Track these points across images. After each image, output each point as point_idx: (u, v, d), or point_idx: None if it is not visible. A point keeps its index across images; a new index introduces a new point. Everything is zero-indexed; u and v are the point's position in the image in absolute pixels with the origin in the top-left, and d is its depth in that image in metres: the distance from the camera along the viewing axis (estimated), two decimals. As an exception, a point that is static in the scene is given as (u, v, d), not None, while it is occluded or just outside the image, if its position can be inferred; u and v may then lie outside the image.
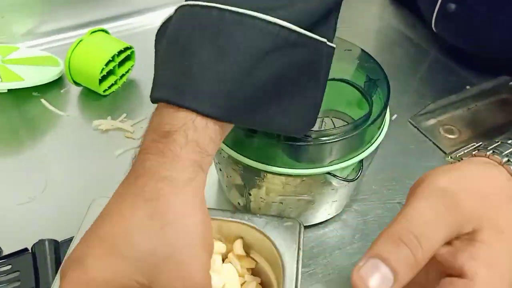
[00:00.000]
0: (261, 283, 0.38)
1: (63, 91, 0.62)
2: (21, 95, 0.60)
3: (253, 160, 0.38)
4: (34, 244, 0.42)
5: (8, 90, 0.57)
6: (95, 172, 0.52)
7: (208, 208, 0.36)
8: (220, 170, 0.45)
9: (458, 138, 0.56)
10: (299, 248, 0.34)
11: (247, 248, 0.37)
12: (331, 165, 0.38)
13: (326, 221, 0.47)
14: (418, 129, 0.57)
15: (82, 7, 0.70)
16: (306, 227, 0.46)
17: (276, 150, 0.38)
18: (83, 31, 0.69)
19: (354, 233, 0.47)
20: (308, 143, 0.37)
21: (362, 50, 0.45)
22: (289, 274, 0.32)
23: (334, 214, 0.47)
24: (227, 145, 0.39)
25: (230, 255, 0.37)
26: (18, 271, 0.42)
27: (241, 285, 0.37)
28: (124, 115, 0.58)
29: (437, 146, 0.55)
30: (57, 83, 0.63)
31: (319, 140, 0.37)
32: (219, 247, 0.37)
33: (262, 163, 0.38)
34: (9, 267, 0.42)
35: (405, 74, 0.65)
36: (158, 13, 0.75)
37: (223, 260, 0.37)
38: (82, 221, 0.35)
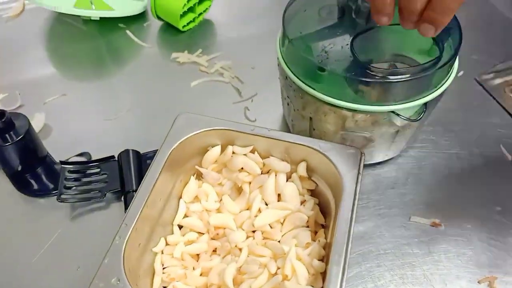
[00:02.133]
0: (319, 204, 0.42)
1: (146, 25, 0.67)
2: (108, 25, 0.65)
3: (322, 93, 0.41)
4: (120, 153, 0.48)
5: (99, 18, 0.62)
6: (172, 99, 0.57)
7: (279, 131, 0.40)
8: (288, 104, 0.48)
9: (523, 97, 0.56)
10: (359, 173, 0.37)
11: (310, 171, 0.41)
12: (396, 104, 0.41)
13: (383, 162, 0.50)
14: (483, 87, 0.58)
15: None
16: (364, 165, 0.50)
17: (344, 86, 0.40)
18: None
19: (407, 176, 0.49)
20: (376, 80, 0.39)
21: None
22: (348, 192, 0.36)
23: (391, 157, 0.50)
24: (298, 78, 0.43)
25: (293, 175, 0.41)
26: (105, 173, 0.48)
27: (301, 203, 0.41)
28: (200, 50, 0.62)
29: (501, 105, 0.56)
30: (141, 16, 0.67)
31: (387, 78, 0.39)
32: (285, 166, 0.41)
33: (330, 96, 0.41)
34: (98, 169, 0.48)
35: (477, 32, 0.65)
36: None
37: (287, 179, 0.41)
38: (169, 131, 0.40)
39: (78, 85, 0.60)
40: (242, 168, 0.41)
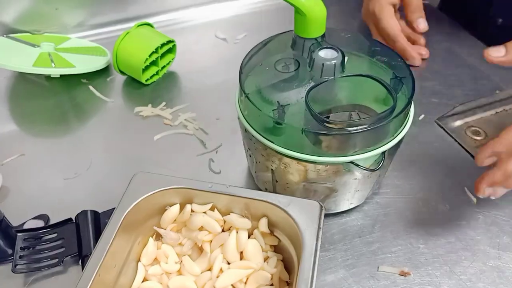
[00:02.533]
0: (282, 260, 0.41)
1: (109, 79, 0.67)
2: (71, 81, 0.65)
3: (280, 146, 0.41)
4: (77, 214, 0.47)
5: (60, 75, 0.62)
6: (135, 153, 0.56)
7: (238, 187, 0.39)
8: (250, 156, 0.48)
9: (484, 140, 0.57)
10: (319, 227, 0.36)
11: (271, 226, 0.40)
12: (354, 155, 0.41)
13: (348, 210, 0.49)
14: (444, 129, 0.59)
15: (129, 2, 0.75)
16: (329, 215, 0.49)
17: (303, 138, 0.40)
18: (130, 25, 0.74)
19: (374, 223, 0.49)
20: (333, 133, 0.40)
21: (391, 49, 0.47)
22: (308, 250, 0.35)
23: (356, 205, 0.49)
24: (257, 132, 0.42)
25: (255, 231, 0.40)
26: (63, 238, 0.46)
27: (264, 260, 0.40)
28: (164, 103, 0.62)
29: (462, 147, 0.56)
30: (104, 71, 0.67)
31: (344, 130, 0.39)
32: (245, 223, 0.40)
33: (289, 149, 0.41)
34: (55, 234, 0.46)
35: (436, 76, 0.67)
36: (200, 9, 0.78)
37: (248, 236, 0.40)
38: (124, 192, 0.39)
39: (38, 143, 0.58)
40: (202, 227, 0.40)
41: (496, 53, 0.42)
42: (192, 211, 0.40)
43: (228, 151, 0.56)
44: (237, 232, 0.40)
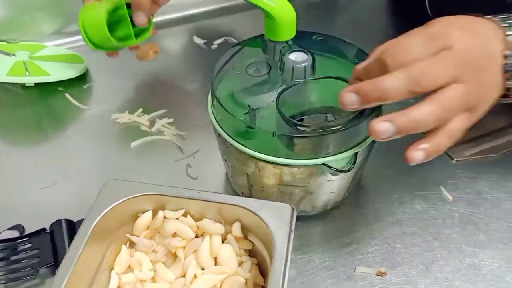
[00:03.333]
0: (257, 264, 0.40)
1: (86, 87, 0.66)
2: (47, 89, 0.64)
3: (253, 150, 0.41)
4: (51, 224, 0.46)
5: (35, 84, 0.61)
6: (112, 161, 0.56)
7: (210, 192, 0.39)
8: (225, 160, 0.48)
9: (460, 138, 0.57)
10: (290, 230, 0.36)
11: (245, 230, 0.40)
12: (326, 157, 0.41)
13: (325, 212, 0.50)
14: (421, 128, 0.59)
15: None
16: (306, 217, 0.49)
17: (275, 141, 0.40)
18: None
19: (351, 225, 0.49)
20: (303, 135, 0.40)
21: (364, 51, 0.47)
22: (279, 253, 0.35)
23: (333, 206, 0.49)
24: (230, 137, 0.42)
25: (229, 236, 0.40)
26: (37, 248, 0.45)
27: (239, 264, 0.40)
28: (141, 109, 0.62)
29: (439, 145, 0.57)
30: (81, 79, 0.67)
31: (314, 132, 0.40)
32: (219, 228, 0.40)
33: (262, 153, 0.41)
34: (29, 245, 0.46)
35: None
36: (177, 14, 0.78)
37: (222, 241, 0.40)
38: (95, 200, 0.39)
39: (13, 152, 0.58)
40: (175, 233, 0.40)
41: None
42: (164, 217, 0.40)
43: (205, 156, 0.56)
44: (210, 237, 0.40)
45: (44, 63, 0.64)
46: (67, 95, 0.64)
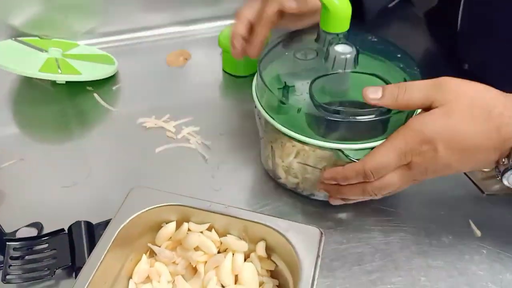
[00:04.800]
0: (278, 286, 0.39)
1: (115, 88, 0.66)
2: (76, 88, 0.64)
3: (278, 123, 0.43)
4: (70, 225, 0.46)
5: (66, 82, 0.61)
6: (135, 165, 0.55)
7: (237, 208, 0.38)
8: (261, 139, 0.51)
9: (491, 171, 0.56)
10: (318, 256, 0.35)
11: (269, 250, 0.39)
12: (342, 143, 0.42)
13: (348, 237, 0.48)
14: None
15: (140, 11, 0.74)
16: (330, 236, 0.48)
17: (300, 118, 0.43)
18: (138, 34, 0.74)
19: (375, 252, 0.47)
20: (325, 117, 0.41)
21: (406, 53, 0.49)
22: (306, 278, 0.34)
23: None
24: (264, 109, 0.45)
25: (252, 255, 0.39)
26: (55, 249, 0.45)
27: (260, 285, 0.39)
28: (168, 115, 0.61)
29: (469, 178, 0.55)
30: (110, 80, 0.67)
31: (334, 116, 0.41)
32: (242, 245, 0.39)
33: (284, 126, 0.43)
34: (46, 245, 0.45)
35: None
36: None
37: (245, 259, 0.39)
38: (120, 206, 0.38)
39: (38, 149, 0.58)
40: (197, 247, 0.39)
41: (373, 94, 0.40)
42: (188, 229, 0.39)
43: (229, 168, 0.55)
44: (233, 254, 0.39)
45: (76, 61, 0.65)
46: (95, 95, 0.64)
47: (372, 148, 0.42)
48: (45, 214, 0.49)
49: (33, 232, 0.48)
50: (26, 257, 0.44)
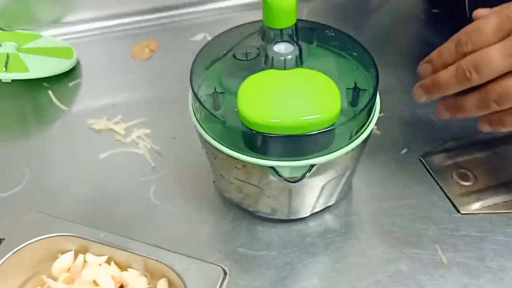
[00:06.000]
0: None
1: (71, 85, 0.62)
2: (31, 84, 0.61)
3: (208, 134, 0.38)
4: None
5: (12, 80, 0.58)
6: (77, 173, 0.51)
7: (138, 242, 0.34)
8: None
9: (471, 186, 0.49)
10: (215, 302, 0.30)
11: (173, 286, 0.34)
12: (276, 160, 0.36)
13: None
14: (427, 169, 0.51)
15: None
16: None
17: (229, 131, 0.37)
18: (107, 23, 0.70)
19: (326, 275, 0.42)
20: (254, 131, 0.35)
21: (358, 43, 0.42)
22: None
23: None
24: (197, 120, 0.40)
25: (154, 293, 0.35)
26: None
27: (162, 326, 0.34)
28: (120, 116, 0.57)
29: (445, 193, 0.48)
30: (69, 75, 0.63)
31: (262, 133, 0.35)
32: (142, 283, 0.34)
33: (214, 139, 0.38)
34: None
35: (431, 103, 0.58)
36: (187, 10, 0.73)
37: (148, 297, 0.35)
38: (12, 233, 0.34)
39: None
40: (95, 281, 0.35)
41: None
42: (85, 261, 0.35)
43: (177, 177, 0.51)
44: (134, 291, 0.35)
45: (30, 56, 0.61)
46: (50, 92, 0.60)
47: (313, 166, 0.36)
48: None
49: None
50: None
